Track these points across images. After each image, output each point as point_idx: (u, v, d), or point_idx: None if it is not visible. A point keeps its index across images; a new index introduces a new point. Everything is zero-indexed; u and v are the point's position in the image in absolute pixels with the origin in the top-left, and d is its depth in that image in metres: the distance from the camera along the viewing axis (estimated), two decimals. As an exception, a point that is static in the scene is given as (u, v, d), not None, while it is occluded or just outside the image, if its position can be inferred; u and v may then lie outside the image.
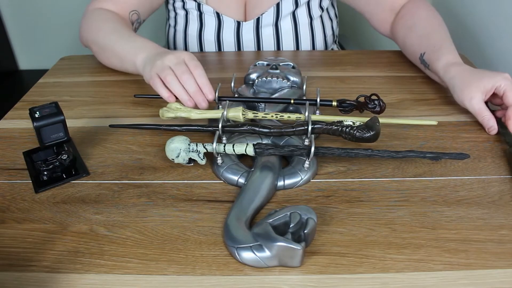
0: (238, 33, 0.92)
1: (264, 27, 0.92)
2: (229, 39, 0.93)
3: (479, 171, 0.56)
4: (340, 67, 0.86)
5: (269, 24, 0.92)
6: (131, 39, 0.74)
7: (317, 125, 0.55)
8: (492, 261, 0.43)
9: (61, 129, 0.53)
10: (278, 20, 0.92)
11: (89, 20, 0.82)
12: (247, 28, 0.92)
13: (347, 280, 0.41)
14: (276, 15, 0.91)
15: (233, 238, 0.44)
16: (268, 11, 0.91)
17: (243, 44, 0.94)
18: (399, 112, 0.70)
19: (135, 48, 0.71)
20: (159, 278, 0.42)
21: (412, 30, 0.79)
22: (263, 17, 0.91)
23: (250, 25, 0.92)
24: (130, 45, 0.73)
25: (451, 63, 0.69)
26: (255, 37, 0.93)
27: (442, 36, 0.75)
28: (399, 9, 0.85)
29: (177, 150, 0.54)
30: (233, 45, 0.94)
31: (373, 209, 0.50)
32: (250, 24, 0.92)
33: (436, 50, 0.72)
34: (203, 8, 0.91)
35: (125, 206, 0.51)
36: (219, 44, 0.94)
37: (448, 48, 0.72)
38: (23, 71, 2.38)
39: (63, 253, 0.45)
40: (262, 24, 0.92)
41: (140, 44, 0.72)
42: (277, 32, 0.93)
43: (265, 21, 0.92)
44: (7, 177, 0.56)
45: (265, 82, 0.68)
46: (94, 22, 0.81)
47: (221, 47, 0.94)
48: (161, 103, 0.65)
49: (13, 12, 2.18)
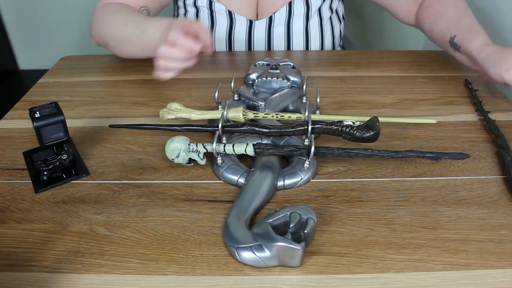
0: (250, 31, 0.92)
1: (276, 26, 0.92)
2: (240, 37, 0.93)
3: (479, 171, 0.56)
4: (340, 67, 0.86)
5: (281, 23, 0.92)
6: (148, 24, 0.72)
7: (317, 125, 0.55)
8: (492, 261, 0.43)
9: (61, 129, 0.53)
10: (290, 19, 0.92)
11: (100, 16, 0.81)
12: (259, 27, 0.92)
13: (347, 280, 0.41)
14: (288, 14, 0.91)
15: (233, 238, 0.44)
16: (281, 10, 0.91)
17: (254, 43, 0.94)
18: (399, 112, 0.70)
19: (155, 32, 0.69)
20: (159, 278, 0.42)
21: (440, 16, 0.82)
22: (276, 16, 0.91)
23: (263, 23, 0.92)
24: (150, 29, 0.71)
25: (485, 43, 0.71)
26: (267, 36, 0.93)
27: (472, 20, 0.78)
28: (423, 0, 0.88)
29: (177, 150, 0.54)
30: (244, 44, 0.94)
31: (373, 209, 0.50)
32: (262, 23, 0.92)
33: (468, 32, 0.75)
34: (215, 6, 0.90)
35: (125, 206, 0.51)
36: (230, 43, 0.94)
37: (479, 30, 0.74)
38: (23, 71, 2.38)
39: (63, 253, 0.45)
40: (275, 23, 0.92)
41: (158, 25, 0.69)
42: (288, 32, 0.93)
43: (278, 19, 0.92)
44: (7, 177, 0.56)
45: (265, 82, 0.68)
46: (106, 17, 0.80)
47: (232, 46, 0.94)
48: (161, 103, 0.65)
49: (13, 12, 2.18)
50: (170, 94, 0.75)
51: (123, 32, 0.77)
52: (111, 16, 0.79)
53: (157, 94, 0.75)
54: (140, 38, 0.73)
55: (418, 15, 0.88)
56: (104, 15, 0.80)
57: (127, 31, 0.76)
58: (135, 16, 0.78)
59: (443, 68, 0.85)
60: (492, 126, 0.63)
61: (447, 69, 0.84)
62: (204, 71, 0.84)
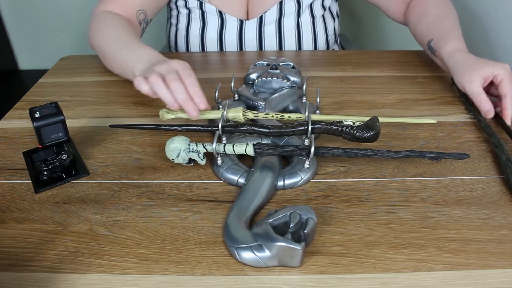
0: (240, 32, 0.92)
1: (267, 25, 0.92)
2: (231, 38, 0.93)
3: (479, 171, 0.56)
4: (340, 67, 0.86)
5: (272, 23, 0.92)
6: (132, 48, 0.71)
7: (317, 125, 0.55)
8: (492, 261, 0.43)
9: (61, 129, 0.53)
10: (281, 18, 0.92)
11: (96, 24, 0.81)
12: (250, 27, 0.92)
13: (347, 280, 0.41)
14: (279, 13, 0.91)
15: (233, 238, 0.44)
16: (271, 9, 0.91)
17: (245, 43, 0.94)
18: (399, 112, 0.70)
19: (134, 58, 0.68)
20: (159, 278, 0.42)
21: (422, 18, 0.83)
22: (266, 15, 0.91)
23: (253, 23, 0.92)
24: (131, 54, 0.70)
25: (456, 49, 0.71)
26: (258, 36, 0.93)
27: (450, 23, 0.78)
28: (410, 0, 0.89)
29: (177, 150, 0.54)
30: (235, 44, 0.94)
31: (373, 209, 0.50)
32: (253, 23, 0.92)
33: (443, 37, 0.75)
34: (206, 7, 0.91)
35: (125, 206, 0.51)
36: (221, 43, 0.94)
37: (454, 35, 0.75)
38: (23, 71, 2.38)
39: (63, 253, 0.45)
40: (265, 23, 0.92)
41: (140, 53, 0.69)
42: (279, 31, 0.93)
43: (268, 19, 0.92)
44: (7, 177, 0.56)
45: (265, 82, 0.68)
46: (100, 28, 0.80)
47: (223, 46, 0.94)
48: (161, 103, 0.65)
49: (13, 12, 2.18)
50: (170, 94, 0.75)
51: (108, 46, 0.76)
52: (104, 27, 0.79)
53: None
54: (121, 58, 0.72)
55: (406, 15, 0.90)
56: (99, 24, 0.80)
57: (111, 47, 0.75)
58: (125, 33, 0.76)
59: (443, 68, 0.85)
60: (484, 125, 0.63)
61: (447, 69, 0.84)
62: (204, 71, 0.84)
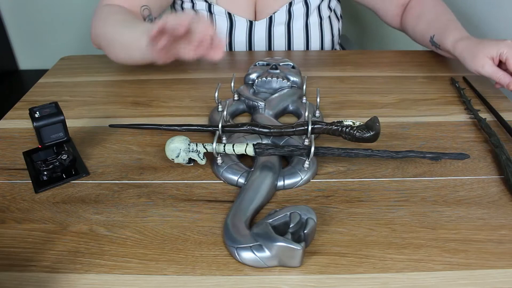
0: (250, 32, 0.93)
1: (276, 26, 0.92)
2: (240, 39, 0.93)
3: (479, 171, 0.56)
4: (340, 67, 0.86)
5: (281, 23, 0.92)
6: (136, 24, 0.70)
7: (317, 125, 0.55)
8: (492, 261, 0.43)
9: (61, 129, 0.53)
10: (290, 19, 0.92)
11: (98, 16, 0.81)
12: (259, 28, 0.92)
13: (347, 280, 0.41)
14: (288, 14, 0.92)
15: (233, 238, 0.44)
16: (280, 10, 0.91)
17: (254, 44, 0.94)
18: (399, 112, 0.70)
19: (139, 32, 0.66)
20: (159, 278, 0.42)
21: (421, 18, 0.86)
22: (276, 16, 0.92)
23: (263, 24, 0.92)
24: (134, 31, 0.69)
25: (458, 38, 0.74)
26: (267, 36, 0.93)
27: (448, 17, 0.81)
28: (408, 2, 0.92)
29: (177, 150, 0.54)
30: (244, 45, 0.94)
31: (373, 209, 0.50)
32: (262, 23, 0.92)
33: (444, 30, 0.79)
34: (214, 8, 0.90)
35: (125, 206, 0.51)
36: (230, 44, 0.94)
37: (454, 26, 0.78)
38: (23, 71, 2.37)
39: (63, 253, 0.45)
40: (275, 23, 0.92)
41: (146, 26, 0.66)
42: (288, 32, 0.93)
43: (278, 20, 0.92)
44: (7, 177, 0.56)
45: (265, 82, 0.68)
46: (104, 16, 0.79)
47: (232, 47, 0.94)
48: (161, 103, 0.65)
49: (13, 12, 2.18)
50: (170, 94, 0.75)
51: (112, 30, 0.75)
52: (106, 17, 0.79)
53: (157, 94, 0.75)
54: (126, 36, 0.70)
55: (403, 18, 0.93)
56: (101, 15, 0.80)
57: (115, 30, 0.74)
58: (129, 16, 0.77)
59: (443, 68, 0.85)
60: (484, 125, 0.63)
61: (447, 69, 0.84)
62: (204, 71, 0.84)
